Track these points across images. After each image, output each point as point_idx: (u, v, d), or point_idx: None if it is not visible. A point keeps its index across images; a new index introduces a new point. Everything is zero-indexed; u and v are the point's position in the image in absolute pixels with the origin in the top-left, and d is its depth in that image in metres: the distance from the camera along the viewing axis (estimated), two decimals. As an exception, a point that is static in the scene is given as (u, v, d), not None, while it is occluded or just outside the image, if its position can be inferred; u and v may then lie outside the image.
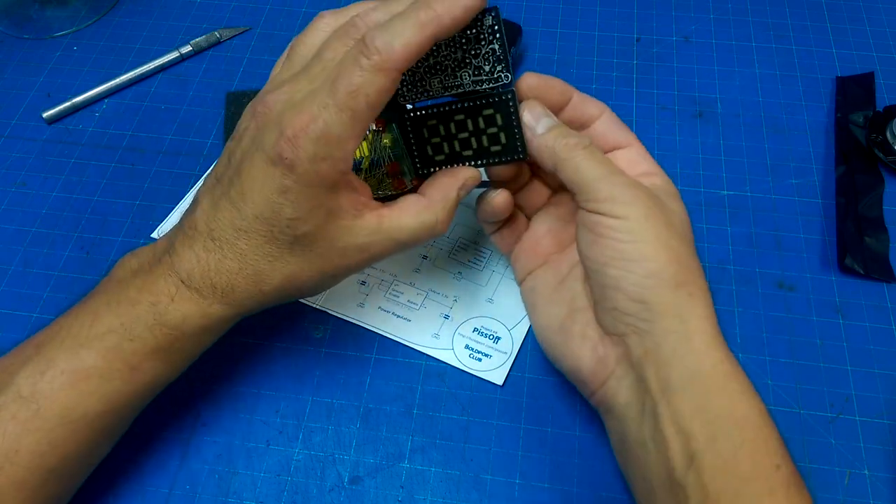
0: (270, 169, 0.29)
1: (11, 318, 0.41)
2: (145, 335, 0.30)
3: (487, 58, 0.32)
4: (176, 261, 0.31)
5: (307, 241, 0.30)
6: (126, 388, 0.31)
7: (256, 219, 0.30)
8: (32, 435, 0.29)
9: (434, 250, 0.43)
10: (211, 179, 0.32)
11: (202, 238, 0.31)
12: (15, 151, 0.48)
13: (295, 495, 0.35)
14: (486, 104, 0.33)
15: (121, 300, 0.31)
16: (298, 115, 0.28)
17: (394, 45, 0.28)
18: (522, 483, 0.35)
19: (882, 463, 0.35)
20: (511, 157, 0.34)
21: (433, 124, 0.34)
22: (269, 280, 0.31)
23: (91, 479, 0.35)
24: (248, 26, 0.55)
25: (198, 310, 0.31)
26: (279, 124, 0.29)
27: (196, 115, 0.50)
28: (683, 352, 0.29)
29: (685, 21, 0.54)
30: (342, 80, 0.28)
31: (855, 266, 0.41)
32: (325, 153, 0.29)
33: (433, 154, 0.35)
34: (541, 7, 0.55)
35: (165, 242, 0.32)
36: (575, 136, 0.33)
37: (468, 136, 0.34)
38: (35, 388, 0.29)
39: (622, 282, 0.30)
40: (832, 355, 0.39)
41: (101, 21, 0.55)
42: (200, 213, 0.31)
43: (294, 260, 0.31)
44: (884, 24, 0.53)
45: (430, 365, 0.39)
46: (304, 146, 0.28)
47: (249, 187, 0.30)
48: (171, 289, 0.31)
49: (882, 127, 0.45)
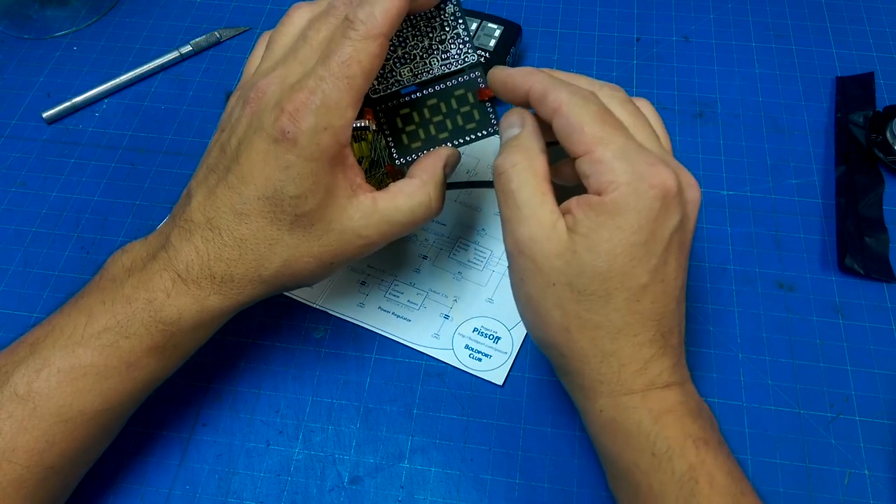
0: (272, 147, 0.30)
1: (11, 317, 0.41)
2: (141, 332, 0.30)
3: (454, 41, 0.34)
4: (173, 255, 0.31)
5: (306, 222, 0.31)
6: (123, 385, 0.31)
7: (259, 199, 0.30)
8: (30, 433, 0.29)
9: (434, 250, 0.43)
10: (202, 172, 0.33)
11: (200, 229, 0.31)
12: (15, 151, 0.48)
13: (295, 495, 0.35)
14: (456, 84, 0.35)
15: (116, 298, 0.31)
16: (297, 92, 0.29)
17: (375, 13, 0.29)
18: (522, 483, 0.35)
19: (882, 463, 0.35)
20: (486, 133, 0.35)
21: (406, 113, 0.35)
22: (267, 265, 0.31)
23: (91, 479, 0.35)
24: (248, 26, 0.55)
25: (194, 303, 0.31)
26: (278, 104, 0.30)
27: (196, 115, 0.50)
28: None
29: (685, 21, 0.54)
30: (334, 54, 0.30)
31: (855, 266, 0.41)
32: (327, 122, 0.29)
33: (409, 143, 0.36)
34: (541, 7, 0.55)
35: (159, 238, 0.33)
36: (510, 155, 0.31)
37: (442, 118, 0.35)
38: (31, 386, 0.29)
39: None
40: (832, 355, 0.39)
41: (101, 21, 0.55)
42: (196, 204, 0.32)
43: (293, 243, 0.31)
44: (884, 24, 0.53)
45: (430, 365, 0.39)
46: (305, 118, 0.29)
47: (250, 170, 0.30)
48: (168, 284, 0.31)
49: (882, 127, 0.45)
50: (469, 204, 0.45)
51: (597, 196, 0.28)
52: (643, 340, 0.29)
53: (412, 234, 0.43)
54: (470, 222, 0.44)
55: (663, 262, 0.29)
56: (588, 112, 0.29)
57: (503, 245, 0.32)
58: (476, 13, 0.49)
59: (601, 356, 0.29)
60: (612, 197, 0.28)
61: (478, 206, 0.44)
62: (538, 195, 0.29)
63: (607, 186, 0.28)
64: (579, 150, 0.29)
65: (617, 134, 0.29)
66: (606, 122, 0.29)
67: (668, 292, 0.29)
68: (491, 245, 0.43)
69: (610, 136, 0.28)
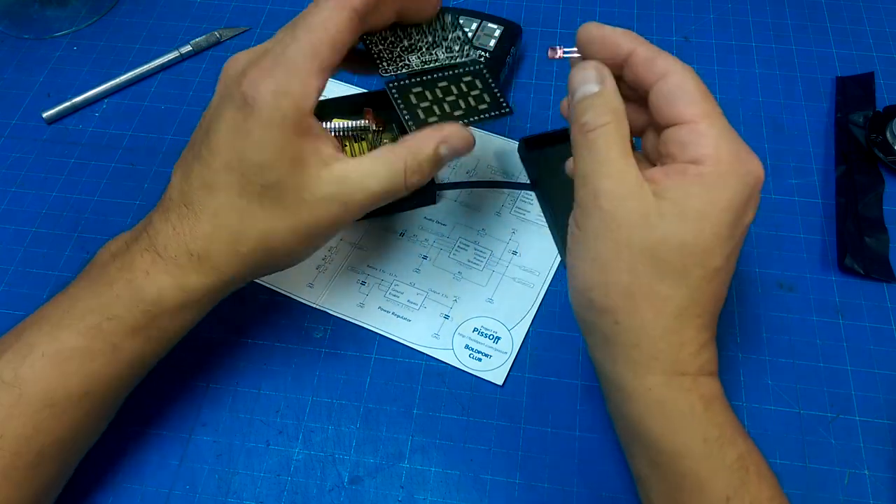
0: (237, 115, 0.30)
1: (11, 318, 0.41)
2: (124, 313, 0.31)
3: (456, 40, 0.37)
4: (153, 234, 0.31)
5: (276, 193, 0.30)
6: (108, 368, 0.31)
7: (224, 168, 0.30)
8: (17, 419, 0.29)
9: (434, 250, 0.43)
10: (184, 153, 0.33)
11: (176, 206, 0.31)
12: (15, 151, 0.48)
13: (295, 495, 0.35)
14: (464, 73, 0.36)
15: (100, 281, 0.31)
16: (262, 59, 0.30)
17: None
18: (522, 483, 0.35)
19: (882, 463, 0.35)
20: (499, 112, 0.36)
21: (419, 91, 0.35)
22: (244, 240, 0.31)
23: (91, 479, 0.35)
24: (248, 26, 0.55)
25: (174, 282, 0.31)
26: (245, 72, 0.30)
27: (196, 115, 0.49)
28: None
29: (685, 21, 0.54)
30: (301, 21, 0.30)
31: (855, 266, 0.41)
32: (286, 86, 0.29)
33: (426, 117, 0.35)
34: (541, 7, 0.55)
35: (144, 221, 0.33)
36: (600, 114, 0.29)
37: (455, 98, 0.36)
38: (17, 372, 0.29)
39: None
40: (832, 355, 0.39)
41: (101, 21, 0.55)
42: (174, 184, 0.32)
43: (265, 216, 0.31)
44: (884, 24, 0.53)
45: (430, 365, 0.39)
46: (264, 83, 0.29)
47: (217, 141, 0.30)
48: (147, 263, 0.31)
49: (882, 127, 0.45)
50: (469, 204, 0.45)
51: (692, 166, 0.28)
52: (704, 323, 0.28)
53: (412, 234, 0.43)
54: (470, 222, 0.44)
55: (735, 249, 0.28)
56: (697, 85, 0.29)
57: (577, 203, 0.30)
58: (476, 13, 0.49)
59: (662, 331, 0.28)
60: (711, 171, 0.27)
61: (478, 206, 0.44)
62: (625, 156, 0.29)
63: (706, 159, 0.27)
64: (683, 117, 0.28)
65: (721, 115, 0.29)
66: (712, 101, 0.29)
67: (728, 281, 0.29)
68: (491, 245, 0.43)
69: (716, 115, 0.28)
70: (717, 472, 0.27)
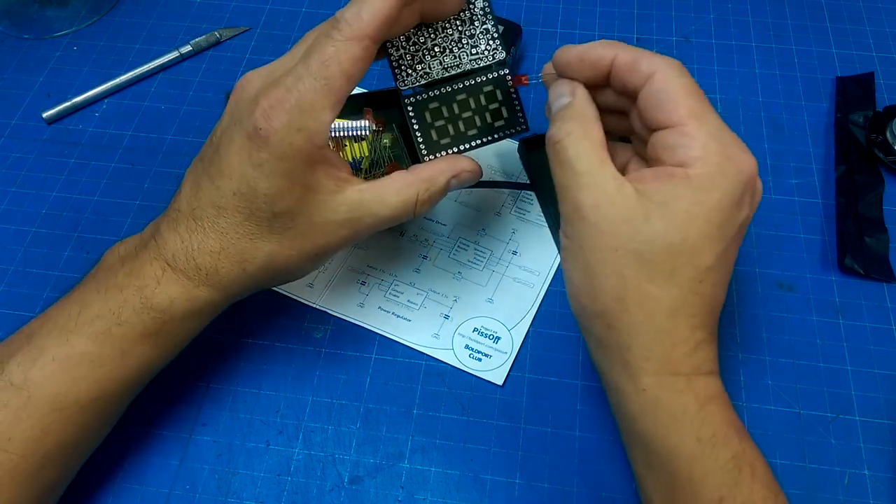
0: (247, 143, 0.29)
1: (11, 317, 0.41)
2: (133, 320, 0.31)
3: (482, 36, 0.35)
4: (161, 244, 0.31)
5: (286, 219, 0.30)
6: (117, 373, 0.31)
7: (234, 195, 0.30)
8: (25, 422, 0.29)
9: (434, 250, 0.43)
10: (195, 160, 0.33)
11: (185, 219, 0.31)
12: (15, 151, 0.48)
13: (295, 495, 0.35)
14: (485, 81, 0.35)
15: (109, 286, 0.31)
16: (274, 88, 0.29)
17: (362, 14, 0.29)
18: (522, 483, 0.35)
19: (882, 463, 0.35)
20: (515, 130, 0.36)
21: (435, 107, 0.35)
22: (251, 259, 0.31)
23: (92, 479, 0.35)
24: (248, 26, 0.55)
25: (184, 292, 0.31)
26: (256, 98, 0.30)
27: (196, 115, 0.50)
28: None
29: (685, 21, 0.54)
30: (315, 52, 0.29)
31: (855, 266, 0.41)
32: (300, 124, 0.29)
33: (438, 138, 0.35)
34: (541, 7, 0.55)
35: (152, 227, 0.33)
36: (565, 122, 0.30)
37: (471, 114, 0.35)
38: (26, 375, 0.29)
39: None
40: (832, 355, 0.39)
41: (101, 21, 0.55)
42: (183, 194, 0.32)
43: (275, 238, 0.31)
44: (884, 24, 0.53)
45: (430, 365, 0.39)
46: (277, 117, 0.29)
47: (227, 164, 0.30)
48: (158, 272, 0.31)
49: (882, 127, 0.45)
50: (469, 204, 0.45)
51: (680, 169, 0.28)
52: (698, 323, 0.28)
53: (412, 234, 0.43)
54: (470, 222, 0.44)
55: (728, 248, 0.28)
56: (683, 84, 0.28)
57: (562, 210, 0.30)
58: (476, 13, 0.49)
59: (654, 332, 0.28)
60: (699, 172, 0.27)
61: (478, 206, 0.44)
62: (597, 161, 0.29)
63: (694, 162, 0.27)
64: (671, 120, 0.28)
65: (710, 111, 0.28)
66: (700, 97, 0.29)
67: (724, 280, 0.29)
68: (491, 245, 0.43)
69: (704, 113, 0.28)
70: (710, 473, 0.27)
